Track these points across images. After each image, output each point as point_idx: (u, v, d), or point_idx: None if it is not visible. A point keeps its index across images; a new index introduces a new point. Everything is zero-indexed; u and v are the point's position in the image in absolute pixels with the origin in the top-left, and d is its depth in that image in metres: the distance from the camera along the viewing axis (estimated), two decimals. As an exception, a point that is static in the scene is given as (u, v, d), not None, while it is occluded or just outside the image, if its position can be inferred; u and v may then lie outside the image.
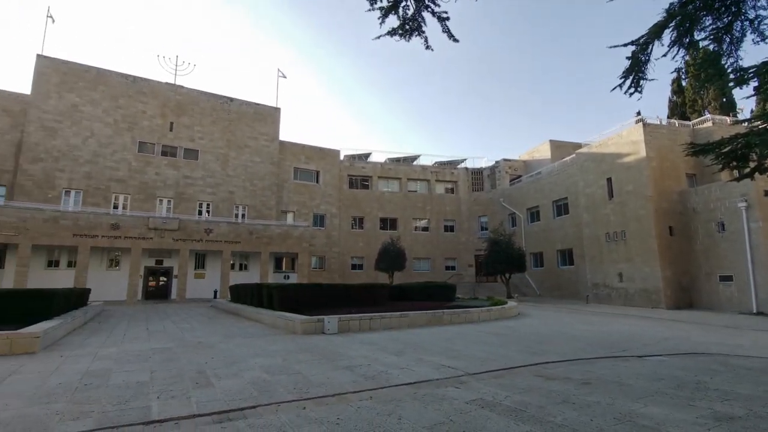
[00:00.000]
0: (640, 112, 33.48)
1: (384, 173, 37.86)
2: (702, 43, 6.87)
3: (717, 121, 24.44)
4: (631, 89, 7.03)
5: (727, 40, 6.49)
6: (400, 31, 6.11)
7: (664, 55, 6.66)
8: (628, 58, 6.87)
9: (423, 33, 6.19)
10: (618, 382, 5.98)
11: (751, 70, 6.65)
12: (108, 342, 9.93)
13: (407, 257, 32.20)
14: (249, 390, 5.54)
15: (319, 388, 5.62)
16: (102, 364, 7.25)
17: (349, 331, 11.50)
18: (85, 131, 26.92)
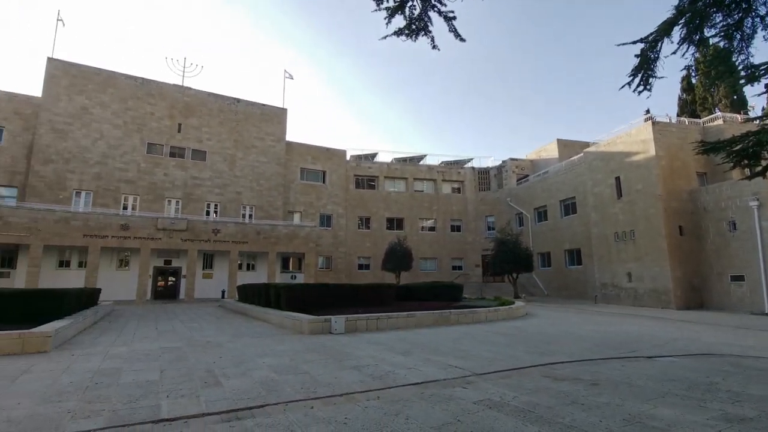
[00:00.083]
0: (649, 110, 33.08)
1: (390, 173, 37.85)
2: (712, 40, 6.80)
3: (728, 119, 24.14)
4: (640, 87, 6.96)
5: (738, 37, 6.41)
6: (407, 31, 6.09)
7: (674, 52, 6.59)
8: (637, 55, 6.80)
9: (430, 33, 6.17)
10: (627, 383, 5.93)
11: (762, 67, 6.57)
12: (118, 341, 10.03)
13: (414, 257, 32.14)
14: (257, 389, 5.57)
15: (327, 388, 5.64)
16: (112, 363, 7.33)
17: (356, 331, 11.52)
18: (94, 133, 27.26)
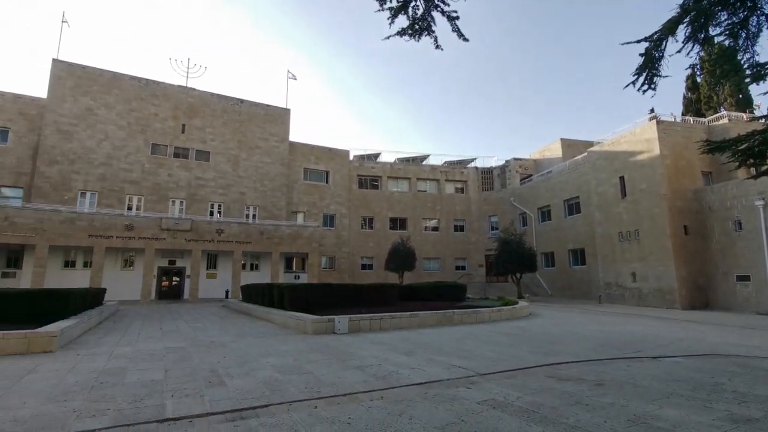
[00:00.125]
0: (653, 109, 32.88)
1: (393, 173, 37.84)
2: (717, 39, 6.75)
3: (733, 118, 23.97)
4: (645, 86, 6.92)
5: (743, 35, 6.37)
6: (410, 31, 6.08)
7: (679, 51, 6.55)
8: (642, 54, 6.75)
9: (433, 33, 6.16)
10: (632, 383, 5.90)
11: (767, 66, 6.52)
12: (123, 341, 10.09)
13: (417, 257, 32.16)
14: (261, 389, 5.59)
15: (330, 388, 5.65)
16: (117, 363, 7.37)
17: (360, 331, 11.53)
18: (99, 134, 27.40)
